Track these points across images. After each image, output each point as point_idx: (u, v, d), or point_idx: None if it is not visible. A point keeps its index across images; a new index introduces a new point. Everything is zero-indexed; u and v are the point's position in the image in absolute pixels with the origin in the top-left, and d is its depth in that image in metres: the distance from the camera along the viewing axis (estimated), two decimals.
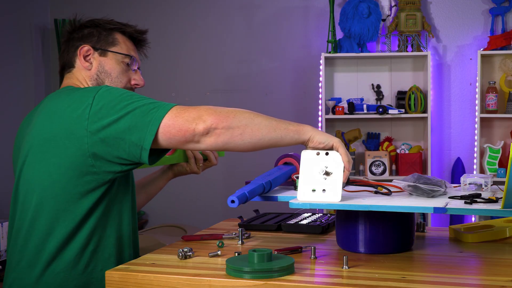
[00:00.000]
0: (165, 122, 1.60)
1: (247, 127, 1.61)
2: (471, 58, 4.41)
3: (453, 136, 4.48)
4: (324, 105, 4.34)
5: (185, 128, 1.59)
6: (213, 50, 4.76)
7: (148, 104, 1.63)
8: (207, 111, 1.60)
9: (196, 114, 1.59)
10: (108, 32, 1.88)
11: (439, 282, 1.41)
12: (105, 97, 1.64)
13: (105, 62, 1.86)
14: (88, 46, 1.85)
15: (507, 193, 1.48)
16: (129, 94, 1.65)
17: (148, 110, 1.62)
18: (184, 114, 1.60)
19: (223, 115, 1.60)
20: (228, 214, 4.15)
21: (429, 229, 2.00)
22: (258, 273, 1.43)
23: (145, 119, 1.60)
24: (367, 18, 4.27)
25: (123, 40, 1.90)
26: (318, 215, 2.15)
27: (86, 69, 1.85)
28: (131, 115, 1.61)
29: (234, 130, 1.60)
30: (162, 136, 1.60)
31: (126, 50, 1.89)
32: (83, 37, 1.86)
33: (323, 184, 1.62)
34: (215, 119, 1.59)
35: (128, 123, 1.61)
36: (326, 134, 1.65)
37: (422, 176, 1.72)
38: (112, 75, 1.86)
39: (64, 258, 1.70)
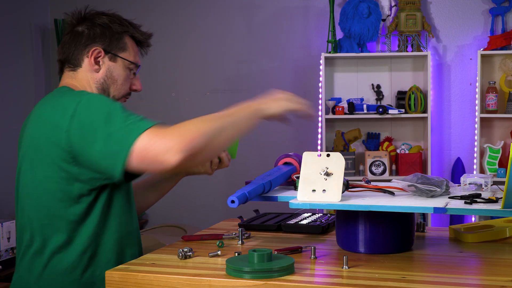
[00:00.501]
0: (135, 151, 1.54)
1: (218, 138, 1.60)
2: (471, 58, 4.41)
3: (453, 136, 4.48)
4: (324, 105, 4.34)
5: (156, 161, 1.54)
6: (213, 50, 4.76)
7: (122, 128, 1.57)
8: (178, 139, 1.53)
9: (168, 144, 1.53)
10: (120, 35, 1.85)
11: (439, 282, 1.41)
12: (84, 114, 1.61)
13: (114, 68, 1.84)
14: (100, 49, 1.82)
15: (507, 193, 1.49)
16: (107, 113, 1.60)
17: (121, 137, 1.56)
18: (155, 144, 1.53)
19: (194, 139, 1.55)
20: (228, 214, 4.14)
21: (429, 229, 2.00)
22: (258, 273, 1.43)
23: (116, 147, 1.56)
24: (367, 18, 4.27)
25: (131, 44, 1.88)
26: (318, 215, 2.15)
27: (94, 72, 1.82)
28: (103, 142, 1.58)
29: (208, 147, 1.58)
30: (132, 164, 1.56)
31: (133, 57, 1.88)
32: (95, 36, 1.82)
33: (323, 184, 1.62)
34: (186, 151, 1.53)
35: (100, 149, 1.58)
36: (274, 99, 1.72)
37: (423, 176, 1.72)
38: (118, 81, 1.85)
39: (62, 263, 1.70)
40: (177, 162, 1.52)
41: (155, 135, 1.55)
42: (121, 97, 1.88)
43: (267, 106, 1.71)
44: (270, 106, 1.71)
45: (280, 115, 1.73)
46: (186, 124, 1.58)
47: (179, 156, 1.52)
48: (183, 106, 4.80)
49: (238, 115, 1.65)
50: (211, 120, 1.61)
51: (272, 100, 1.72)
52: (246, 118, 1.67)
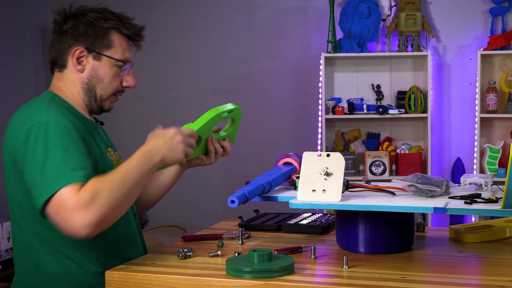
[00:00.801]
0: (53, 201, 1.56)
1: (124, 204, 1.61)
2: (471, 58, 4.41)
3: (453, 136, 4.48)
4: (324, 105, 4.34)
5: (65, 224, 1.55)
6: (213, 50, 4.76)
7: (56, 169, 1.58)
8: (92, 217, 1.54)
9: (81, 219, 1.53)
10: (104, 32, 1.79)
11: (439, 282, 1.41)
12: (32, 140, 1.62)
13: (98, 67, 1.79)
14: (82, 48, 1.77)
15: (507, 193, 1.49)
16: (49, 146, 1.60)
17: (50, 177, 1.57)
18: (69, 212, 1.54)
19: (105, 215, 1.56)
20: (228, 214, 4.14)
21: (429, 229, 2.00)
22: (258, 273, 1.43)
23: (42, 185, 1.58)
24: (367, 18, 4.27)
25: (119, 40, 1.81)
26: (318, 215, 2.15)
27: (78, 72, 1.79)
28: (37, 173, 1.59)
29: (117, 215, 1.61)
30: (47, 210, 1.58)
31: (121, 54, 1.81)
32: (78, 35, 1.77)
33: (323, 184, 1.62)
34: (97, 226, 1.56)
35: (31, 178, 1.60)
36: (170, 147, 1.68)
37: (423, 176, 1.72)
38: (104, 80, 1.80)
39: (50, 273, 1.70)
40: (87, 234, 1.55)
41: (75, 200, 1.54)
42: (109, 95, 1.83)
43: (164, 156, 1.68)
44: (166, 156, 1.69)
45: (173, 163, 1.73)
46: (96, 194, 1.55)
47: (89, 230, 1.55)
48: (183, 106, 4.80)
49: (141, 172, 1.63)
50: (120, 186, 1.59)
51: (169, 150, 1.70)
52: (149, 174, 1.66)
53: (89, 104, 1.82)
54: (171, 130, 1.71)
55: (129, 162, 1.64)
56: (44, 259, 1.70)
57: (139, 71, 4.85)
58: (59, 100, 1.77)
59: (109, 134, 1.96)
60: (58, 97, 1.79)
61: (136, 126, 4.81)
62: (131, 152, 1.67)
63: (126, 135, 4.77)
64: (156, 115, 4.81)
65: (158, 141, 1.68)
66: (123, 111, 4.79)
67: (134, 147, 1.73)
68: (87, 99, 1.81)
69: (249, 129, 4.65)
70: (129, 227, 1.84)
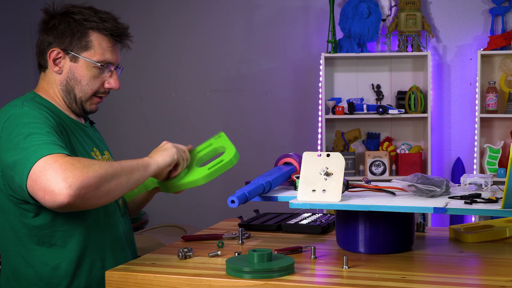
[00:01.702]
0: (31, 172, 1.50)
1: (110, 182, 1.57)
2: (471, 58, 4.41)
3: (453, 136, 4.48)
4: (324, 105, 4.34)
5: (46, 189, 1.48)
6: (213, 50, 4.76)
7: (34, 146, 1.53)
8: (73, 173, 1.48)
9: (62, 175, 1.47)
10: (83, 32, 1.74)
11: (439, 282, 1.41)
12: (7, 131, 1.59)
13: (75, 69, 1.75)
14: (58, 50, 1.74)
15: (507, 193, 1.49)
16: (22, 137, 1.56)
17: (29, 153, 1.52)
18: (50, 171, 1.47)
19: (88, 178, 1.50)
20: (228, 214, 4.14)
21: (429, 229, 2.00)
22: (258, 273, 1.43)
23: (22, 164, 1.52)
24: (367, 18, 4.27)
25: (99, 41, 1.75)
26: (318, 215, 2.15)
27: (56, 73, 1.77)
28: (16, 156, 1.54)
29: (100, 188, 1.53)
30: (27, 186, 1.52)
31: (100, 55, 1.75)
32: (55, 36, 1.75)
33: (323, 184, 1.62)
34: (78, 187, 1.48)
35: (13, 162, 1.55)
36: (165, 152, 1.75)
37: (423, 176, 1.72)
38: (82, 82, 1.76)
39: (25, 278, 1.69)
40: (68, 196, 1.46)
41: (54, 161, 1.49)
42: (89, 97, 1.78)
43: (154, 159, 1.73)
44: (156, 159, 1.74)
45: (168, 165, 1.76)
46: (83, 162, 1.52)
47: (70, 192, 1.46)
48: (183, 106, 4.81)
49: (131, 166, 1.64)
50: (107, 165, 1.57)
51: (159, 153, 1.76)
52: (139, 170, 1.66)
53: (69, 105, 1.79)
54: (165, 143, 1.81)
55: (121, 161, 1.66)
56: (20, 263, 1.68)
57: (139, 71, 4.86)
58: (41, 101, 1.75)
59: (109, 134, 1.95)
60: (40, 97, 1.77)
61: (136, 126, 4.81)
62: (131, 152, 1.68)
63: (126, 135, 4.77)
64: (156, 115, 4.81)
65: (152, 153, 1.77)
66: (123, 111, 4.79)
67: (134, 147, 1.74)
68: (67, 100, 1.79)
69: (249, 129, 4.65)
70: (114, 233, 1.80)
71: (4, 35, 4.46)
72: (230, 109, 4.75)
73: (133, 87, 4.79)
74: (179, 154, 1.78)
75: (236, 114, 4.74)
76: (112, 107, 4.69)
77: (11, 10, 4.54)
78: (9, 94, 4.39)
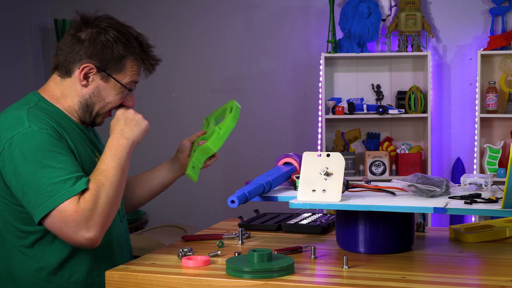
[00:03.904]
0: (55, 217, 1.57)
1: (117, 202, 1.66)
2: (471, 58, 4.41)
3: (453, 136, 4.48)
4: (324, 105, 4.34)
5: (69, 237, 1.59)
6: (213, 50, 4.76)
7: (50, 184, 1.57)
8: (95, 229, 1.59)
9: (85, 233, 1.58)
10: (121, 57, 1.74)
11: (439, 282, 1.41)
12: (17, 149, 1.60)
13: (103, 87, 1.75)
14: (93, 66, 1.72)
15: (507, 193, 1.49)
16: (40, 158, 1.58)
17: (46, 193, 1.57)
18: (73, 223, 1.56)
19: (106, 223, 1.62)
20: (228, 214, 4.14)
21: (429, 229, 2.00)
22: (258, 273, 1.43)
23: (39, 200, 1.57)
24: (367, 18, 4.27)
25: (132, 67, 1.77)
26: (318, 215, 2.15)
27: (81, 86, 1.74)
28: (29, 188, 1.58)
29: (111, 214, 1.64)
30: (47, 223, 1.59)
31: (129, 79, 1.77)
32: (93, 53, 1.71)
33: (323, 184, 1.62)
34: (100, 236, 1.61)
35: (25, 194, 1.59)
36: (137, 128, 1.76)
37: (423, 176, 1.72)
38: (106, 100, 1.77)
39: (21, 281, 1.69)
40: (93, 243, 1.60)
41: (78, 213, 1.56)
42: (105, 112, 1.81)
43: (132, 134, 1.75)
44: (134, 134, 1.75)
45: (143, 136, 1.79)
46: (94, 199, 1.59)
47: (94, 242, 1.60)
48: (183, 106, 4.80)
49: (122, 161, 1.68)
50: (108, 187, 1.62)
51: (131, 128, 1.76)
52: (127, 158, 1.70)
53: (82, 116, 1.79)
54: (117, 112, 1.79)
55: (102, 160, 1.67)
56: (16, 266, 1.68)
57: None
58: (44, 106, 1.73)
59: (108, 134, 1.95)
60: (44, 100, 1.75)
61: None
62: None
63: None
64: (156, 115, 4.81)
65: (117, 126, 1.75)
66: None
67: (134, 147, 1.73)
68: (82, 112, 1.78)
69: (249, 129, 4.65)
70: (111, 235, 1.80)
71: (4, 35, 4.47)
72: None
73: None
74: (146, 121, 1.80)
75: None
76: None
77: (11, 10, 4.54)
78: (9, 94, 4.39)
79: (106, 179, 1.62)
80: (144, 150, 4.63)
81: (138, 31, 1.81)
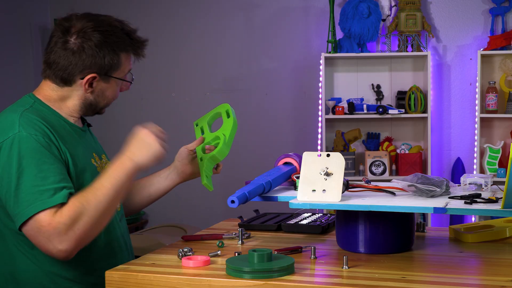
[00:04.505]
0: (30, 225, 1.57)
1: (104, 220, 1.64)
2: (471, 58, 4.41)
3: (453, 136, 4.48)
4: (324, 105, 4.34)
5: (42, 246, 1.59)
6: (213, 50, 4.76)
7: (29, 193, 1.57)
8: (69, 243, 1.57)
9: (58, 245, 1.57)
10: (115, 55, 1.75)
11: (439, 282, 1.41)
12: (4, 154, 1.60)
13: (106, 88, 1.78)
14: (95, 75, 1.74)
15: (507, 193, 1.49)
16: (22, 166, 1.59)
17: (25, 200, 1.57)
18: (46, 234, 1.56)
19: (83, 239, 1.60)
20: (228, 214, 4.14)
21: (429, 229, 2.00)
22: (258, 273, 1.43)
23: (18, 207, 1.58)
24: (367, 18, 4.27)
25: (125, 57, 1.79)
26: (318, 215, 2.15)
27: (85, 92, 1.76)
28: (12, 194, 1.58)
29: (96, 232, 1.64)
30: (23, 229, 1.59)
31: (127, 69, 1.81)
32: (91, 63, 1.72)
33: (323, 184, 1.62)
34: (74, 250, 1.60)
35: (7, 198, 1.60)
36: (148, 151, 1.68)
37: (423, 176, 1.72)
38: (109, 97, 1.81)
39: (24, 282, 1.69)
40: (65, 255, 1.59)
41: (52, 227, 1.56)
42: (110, 103, 1.86)
43: (140, 159, 1.68)
44: (142, 159, 1.68)
45: (153, 163, 1.71)
46: (72, 217, 1.57)
47: (67, 255, 1.59)
48: (183, 106, 4.80)
49: (116, 185, 1.63)
50: (97, 204, 1.60)
51: (140, 150, 1.69)
52: (127, 181, 1.66)
53: (85, 113, 1.81)
54: (140, 131, 1.72)
55: (101, 177, 1.64)
56: (19, 267, 1.68)
57: (139, 71, 4.85)
58: (40, 107, 1.73)
59: (109, 134, 1.95)
60: (40, 102, 1.75)
61: None
62: None
63: (126, 135, 4.75)
64: (156, 115, 4.81)
65: (127, 146, 1.69)
66: (123, 111, 4.79)
67: None
68: (85, 110, 1.80)
69: (249, 129, 4.65)
70: (110, 235, 1.80)
71: (4, 35, 4.47)
72: None
73: (133, 87, 4.75)
74: (162, 148, 1.70)
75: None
76: (112, 107, 4.65)
77: (11, 10, 4.54)
78: (9, 94, 4.40)
79: (94, 198, 1.60)
80: None
81: (117, 19, 1.79)
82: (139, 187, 2.02)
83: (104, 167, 1.83)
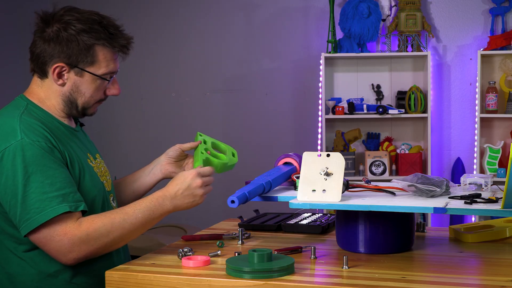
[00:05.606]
0: (40, 234, 1.59)
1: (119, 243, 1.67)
2: (471, 58, 4.41)
3: (453, 136, 4.48)
4: (324, 105, 4.34)
5: (52, 254, 1.62)
6: (213, 50, 4.76)
7: (37, 200, 1.58)
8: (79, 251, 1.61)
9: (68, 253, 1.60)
10: (89, 47, 1.70)
11: (439, 282, 1.41)
12: (8, 162, 1.60)
13: (80, 82, 1.73)
14: (63, 64, 1.70)
15: (507, 193, 1.49)
16: (29, 173, 1.59)
17: (33, 209, 1.58)
18: (59, 243, 1.59)
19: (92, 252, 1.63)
20: (228, 214, 4.14)
21: (429, 229, 2.00)
22: (258, 273, 1.43)
23: (25, 216, 1.58)
24: (367, 18, 4.27)
25: (104, 54, 1.72)
26: (318, 215, 2.15)
27: (58, 85, 1.73)
28: (17, 203, 1.58)
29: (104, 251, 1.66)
30: (33, 238, 1.61)
31: (105, 68, 1.73)
32: (60, 50, 1.69)
33: (323, 184, 1.62)
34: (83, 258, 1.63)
35: (11, 208, 1.60)
36: (191, 201, 1.73)
37: (423, 176, 1.72)
38: (86, 95, 1.75)
39: (21, 284, 1.69)
40: (73, 263, 1.64)
41: (67, 235, 1.59)
42: (91, 106, 1.78)
43: (180, 206, 1.73)
44: (182, 206, 1.73)
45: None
46: (93, 235, 1.61)
47: (75, 263, 1.63)
48: (183, 106, 4.80)
49: (146, 217, 1.67)
50: (118, 228, 1.64)
51: (183, 198, 1.72)
52: (157, 219, 1.70)
53: (69, 113, 1.78)
54: (190, 174, 1.72)
55: (137, 205, 1.67)
56: (15, 270, 1.68)
57: (139, 71, 4.86)
58: (34, 109, 1.72)
59: (109, 134, 1.94)
60: (33, 104, 1.74)
61: (136, 126, 4.81)
62: (130, 152, 1.67)
63: (126, 135, 4.76)
64: (156, 115, 4.81)
65: (175, 186, 1.71)
66: (123, 111, 4.79)
67: (134, 147, 1.73)
68: (68, 109, 1.77)
69: (249, 129, 4.65)
70: None
71: (4, 35, 4.46)
72: (230, 109, 4.75)
73: (133, 87, 4.79)
74: (206, 190, 1.74)
75: (236, 114, 4.73)
76: (112, 107, 4.69)
77: (11, 10, 4.54)
78: (9, 94, 4.39)
79: (120, 224, 1.64)
80: (144, 150, 4.63)
81: (103, 14, 1.75)
82: (124, 184, 2.02)
83: (100, 166, 1.83)
